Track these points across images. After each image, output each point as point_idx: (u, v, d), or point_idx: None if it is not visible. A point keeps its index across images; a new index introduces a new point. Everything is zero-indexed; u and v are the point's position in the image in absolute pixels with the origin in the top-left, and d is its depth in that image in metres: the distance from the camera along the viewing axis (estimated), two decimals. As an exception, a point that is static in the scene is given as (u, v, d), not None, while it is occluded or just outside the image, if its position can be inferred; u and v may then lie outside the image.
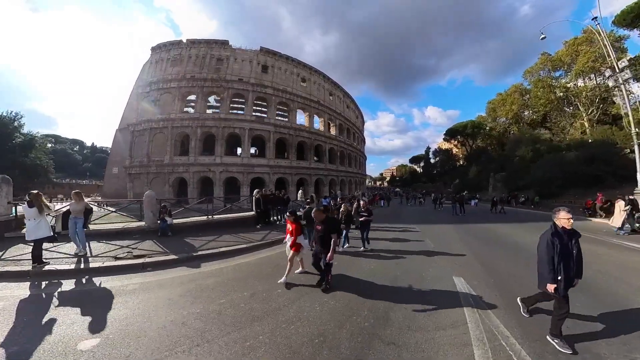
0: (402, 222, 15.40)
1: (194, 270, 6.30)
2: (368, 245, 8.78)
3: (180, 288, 5.11)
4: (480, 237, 10.62)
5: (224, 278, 5.78)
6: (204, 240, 9.04)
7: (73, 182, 50.86)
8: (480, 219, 17.52)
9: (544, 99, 41.55)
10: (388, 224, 14.06)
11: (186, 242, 8.83)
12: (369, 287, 5.23)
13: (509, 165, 35.13)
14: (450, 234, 11.25)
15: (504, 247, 8.61)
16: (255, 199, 13.60)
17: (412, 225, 13.84)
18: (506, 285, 5.16)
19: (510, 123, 49.85)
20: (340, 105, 45.30)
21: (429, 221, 15.86)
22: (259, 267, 6.74)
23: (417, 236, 10.72)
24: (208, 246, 8.37)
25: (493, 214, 20.62)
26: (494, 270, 6.14)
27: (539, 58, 43.84)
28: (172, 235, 9.85)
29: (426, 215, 19.72)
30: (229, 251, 8.12)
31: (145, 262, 6.55)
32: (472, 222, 15.51)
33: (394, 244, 9.27)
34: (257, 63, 35.81)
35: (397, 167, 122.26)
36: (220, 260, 7.12)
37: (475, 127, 57.01)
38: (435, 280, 5.56)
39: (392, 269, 6.46)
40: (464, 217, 18.42)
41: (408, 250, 8.34)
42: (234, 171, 32.61)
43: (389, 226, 13.33)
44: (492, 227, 13.36)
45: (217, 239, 9.41)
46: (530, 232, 10.99)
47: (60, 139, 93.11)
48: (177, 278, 5.72)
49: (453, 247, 8.64)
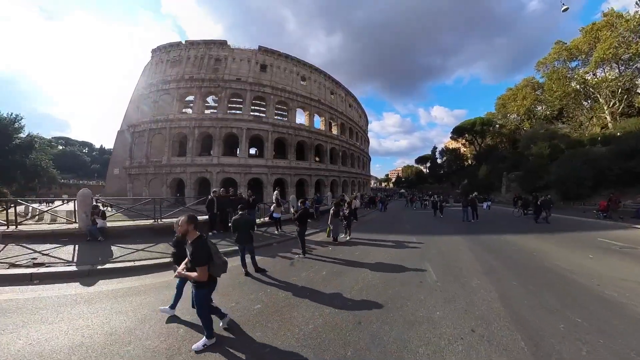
0: (400, 231, 11.82)
1: (81, 289, 4.99)
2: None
3: (29, 315, 3.81)
4: (510, 260, 6.92)
5: (95, 307, 4.15)
6: (131, 249, 7.46)
7: (80, 183, 50.47)
8: (499, 227, 13.53)
9: (560, 91, 36.35)
10: (381, 235, 10.63)
11: (110, 249, 7.38)
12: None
13: (524, 163, 30.41)
14: (463, 254, 7.66)
15: (565, 287, 4.85)
16: (209, 200, 10.58)
17: (412, 237, 10.29)
18: None
19: (522, 119, 44.58)
20: (342, 104, 41.86)
21: (434, 231, 12.18)
22: (157, 293, 4.89)
23: (414, 257, 7.24)
24: (130, 257, 6.88)
25: (511, 220, 16.62)
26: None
27: (553, 47, 38.55)
28: (103, 241, 8.30)
29: (431, 222, 15.65)
30: (146, 266, 6.34)
31: (34, 273, 5.36)
32: (490, 232, 11.67)
33: (373, 276, 5.77)
34: (255, 62, 33.10)
35: (403, 168, 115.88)
36: (126, 278, 5.63)
37: (484, 124, 51.37)
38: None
39: (342, 346, 3.05)
40: (477, 224, 14.58)
41: (393, 287, 4.96)
42: (231, 172, 29.91)
43: (381, 239, 9.87)
44: (520, 242, 9.50)
45: (149, 247, 7.76)
46: (580, 251, 7.32)
47: (70, 141, 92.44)
48: (46, 300, 4.41)
49: (469, 281, 5.18)
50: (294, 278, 5.72)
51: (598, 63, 34.58)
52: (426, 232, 11.55)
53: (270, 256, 7.70)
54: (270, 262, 7.01)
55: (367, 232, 11.35)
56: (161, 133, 30.56)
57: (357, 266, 6.44)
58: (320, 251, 8.15)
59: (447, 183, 59.58)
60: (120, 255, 6.96)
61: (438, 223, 15.16)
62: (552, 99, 38.47)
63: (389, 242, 9.15)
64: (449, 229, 12.54)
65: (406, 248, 8.34)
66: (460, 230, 12.27)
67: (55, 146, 76.73)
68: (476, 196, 19.54)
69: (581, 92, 36.87)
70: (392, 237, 10.22)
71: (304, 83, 36.07)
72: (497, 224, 14.87)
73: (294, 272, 6.16)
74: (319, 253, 7.91)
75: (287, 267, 6.72)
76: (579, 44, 36.32)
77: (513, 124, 46.53)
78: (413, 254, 7.59)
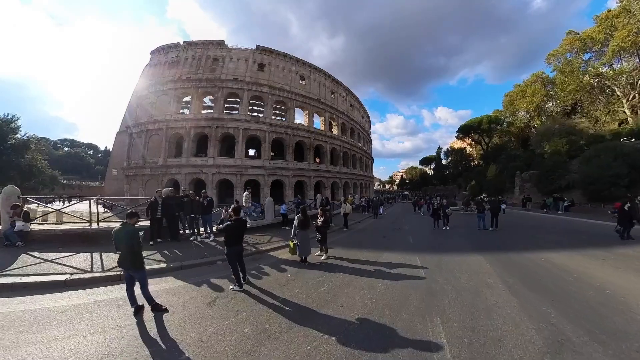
0: (398, 246, 8.57)
1: None
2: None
3: None
4: (584, 311, 3.68)
5: None
6: (40, 260, 5.80)
7: (83, 184, 49.58)
8: (529, 238, 10.07)
9: (574, 84, 32.04)
10: (372, 252, 7.54)
11: (18, 259, 5.81)
12: None
13: (538, 162, 26.38)
14: (494, 294, 4.44)
15: None
16: (151, 202, 7.90)
17: (413, 255, 7.11)
18: None
19: (531, 116, 40.17)
20: (342, 103, 38.85)
21: (444, 245, 8.60)
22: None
23: (415, 303, 4.10)
24: (29, 269, 5.21)
25: (537, 227, 13.17)
26: None
27: (564, 38, 34.22)
28: (22, 246, 6.74)
29: (439, 232, 11.53)
30: (33, 284, 4.60)
31: None
32: (521, 247, 8.27)
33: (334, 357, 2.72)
34: (253, 62, 30.68)
35: (407, 170, 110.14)
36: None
37: (491, 122, 46.41)
38: None
39: None
40: (496, 233, 11.21)
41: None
42: (227, 173, 27.45)
43: (371, 259, 6.76)
44: (574, 265, 6.21)
45: (64, 258, 5.99)
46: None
47: (75, 143, 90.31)
48: None
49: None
50: (190, 335, 3.16)
51: (615, 53, 30.26)
52: (434, 248, 8.22)
53: (196, 283, 4.96)
54: (186, 295, 4.40)
55: (356, 247, 8.29)
56: (158, 134, 28.53)
57: (312, 322, 3.48)
58: (271, 280, 5.25)
59: (453, 184, 55.06)
60: (20, 266, 5.34)
61: (448, 232, 11.45)
62: (564, 93, 34.15)
63: (381, 266, 6.07)
64: (463, 243, 9.15)
65: (404, 279, 5.22)
66: (479, 243, 8.92)
67: (61, 148, 76.94)
68: (484, 198, 16.13)
69: (595, 86, 32.47)
70: (386, 255, 7.07)
71: (303, 82, 33.36)
72: (523, 233, 11.35)
73: (202, 320, 3.53)
74: (267, 283, 5.02)
75: (203, 308, 3.91)
76: (593, 34, 32.03)
77: (522, 122, 42.09)
78: (414, 293, 4.49)
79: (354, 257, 6.82)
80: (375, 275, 5.35)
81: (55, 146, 77.71)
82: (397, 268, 5.81)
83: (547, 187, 21.73)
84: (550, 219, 16.42)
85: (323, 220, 6.38)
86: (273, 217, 11.70)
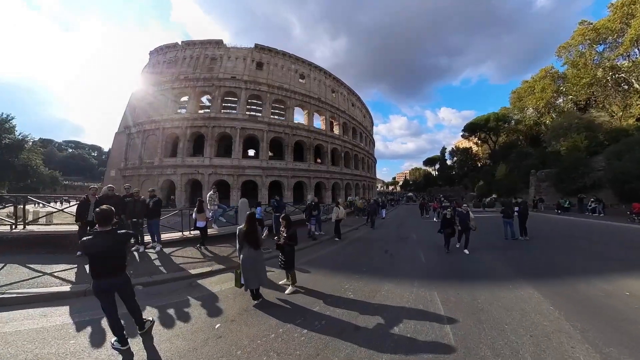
0: (405, 271, 5.80)
1: None
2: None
3: None
4: None
5: None
6: None
7: (85, 185, 48.71)
8: (580, 254, 7.34)
9: (588, 77, 28.66)
10: (366, 280, 4.98)
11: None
12: None
13: (553, 160, 23.17)
14: None
15: None
16: (81, 202, 5.70)
17: (429, 290, 4.44)
18: None
19: (541, 113, 36.71)
20: (344, 102, 36.40)
21: (470, 268, 5.83)
22: None
23: None
24: None
25: (576, 237, 10.36)
26: None
27: (576, 30, 30.81)
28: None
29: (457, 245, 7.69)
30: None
31: None
32: (584, 272, 5.63)
33: None
34: (251, 60, 28.72)
35: (410, 171, 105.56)
36: None
37: (498, 119, 42.82)
38: None
39: None
40: (532, 244, 8.47)
41: None
42: (223, 173, 25.39)
43: (363, 295, 4.22)
44: None
45: None
46: None
47: (80, 145, 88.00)
48: None
49: None
50: None
51: (633, 42, 26.83)
52: (457, 273, 5.49)
53: (80, 323, 2.76)
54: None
55: (344, 270, 5.69)
56: (155, 134, 26.79)
57: None
58: (185, 332, 2.79)
59: (460, 185, 51.23)
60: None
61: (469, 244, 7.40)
62: (577, 87, 30.74)
63: (378, 314, 3.56)
64: (497, 262, 6.31)
65: (418, 353, 2.73)
66: (519, 263, 6.20)
67: (65, 149, 76.80)
68: (496, 199, 13.42)
69: (610, 79, 28.96)
70: (387, 288, 4.49)
71: (302, 81, 31.16)
72: (562, 243, 8.55)
73: None
74: (175, 339, 2.61)
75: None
76: (607, 23, 28.60)
77: (531, 119, 38.63)
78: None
79: (338, 290, 4.34)
80: (365, 339, 2.90)
81: (59, 148, 77.62)
82: (406, 321, 3.30)
83: (569, 187, 18.66)
84: (582, 223, 13.51)
85: (287, 236, 4.00)
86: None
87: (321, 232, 9.77)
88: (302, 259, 6.37)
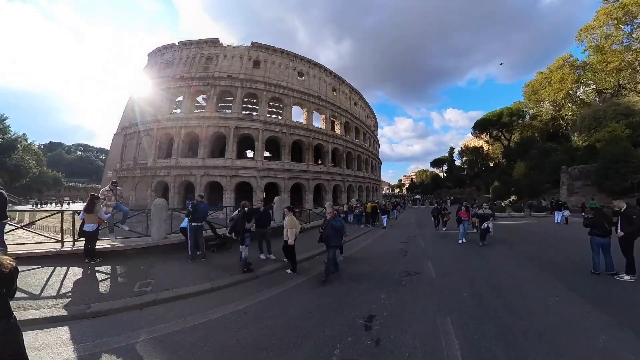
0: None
1: None
2: None
3: None
4: None
5: None
6: None
7: (89, 186, 48.71)
8: None
9: (617, 61, 25.32)
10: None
11: None
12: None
13: (585, 154, 19.77)
14: None
15: None
16: None
17: None
18: None
19: (560, 105, 33.23)
20: (346, 101, 34.43)
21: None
22: None
23: None
24: None
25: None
26: None
27: (599, 10, 27.56)
28: None
29: (513, 278, 4.73)
30: None
31: None
32: None
33: None
34: (248, 59, 27.42)
35: (417, 173, 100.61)
36: None
37: (512, 114, 38.93)
38: None
39: None
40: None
41: None
42: (216, 175, 23.79)
43: None
44: None
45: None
46: None
47: (88, 148, 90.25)
48: None
49: None
50: None
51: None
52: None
53: None
54: None
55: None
56: (149, 135, 25.74)
57: None
58: None
59: (471, 187, 47.16)
60: None
61: (540, 290, 4.30)
62: (604, 74, 27.39)
63: None
64: (613, 343, 2.72)
65: None
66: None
67: (74, 152, 78.47)
68: (514, 201, 10.33)
69: (636, 62, 25.41)
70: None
71: (301, 78, 29.52)
72: None
73: None
74: None
75: None
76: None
77: (549, 113, 35.14)
78: None
79: None
80: None
81: (68, 150, 79.84)
82: None
83: (620, 185, 15.26)
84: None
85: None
86: (165, 233, 6.59)
87: (270, 256, 6.51)
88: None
